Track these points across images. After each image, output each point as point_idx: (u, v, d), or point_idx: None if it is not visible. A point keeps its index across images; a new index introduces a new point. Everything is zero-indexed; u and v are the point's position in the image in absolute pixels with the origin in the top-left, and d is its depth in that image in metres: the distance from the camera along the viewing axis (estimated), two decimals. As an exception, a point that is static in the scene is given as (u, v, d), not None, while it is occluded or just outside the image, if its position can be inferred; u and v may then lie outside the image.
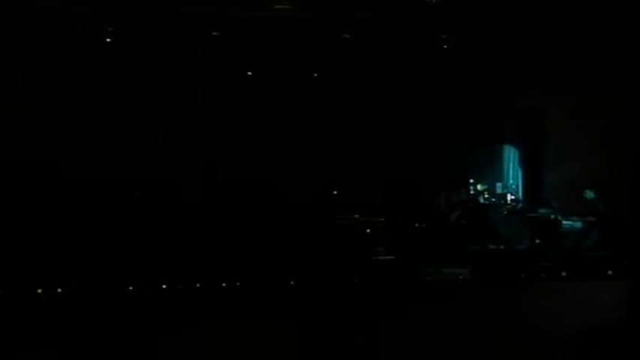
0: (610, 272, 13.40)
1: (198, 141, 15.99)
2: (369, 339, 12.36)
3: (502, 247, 14.92)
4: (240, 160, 15.87)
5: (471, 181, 16.39)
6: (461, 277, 13.88)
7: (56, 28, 14.63)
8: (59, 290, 11.94)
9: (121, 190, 14.96)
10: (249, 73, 16.08)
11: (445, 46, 15.83)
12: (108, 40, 14.91)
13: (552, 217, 15.54)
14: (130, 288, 12.17)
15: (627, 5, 14.58)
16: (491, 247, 14.89)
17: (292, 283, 12.72)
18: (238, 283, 12.58)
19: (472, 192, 16.29)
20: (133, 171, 15.30)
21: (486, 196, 16.28)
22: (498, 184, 17.02)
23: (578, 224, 15.40)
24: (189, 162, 15.86)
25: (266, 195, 15.53)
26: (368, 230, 14.72)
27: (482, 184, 16.38)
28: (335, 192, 15.94)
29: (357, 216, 14.94)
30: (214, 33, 15.26)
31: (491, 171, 17.19)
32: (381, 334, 12.39)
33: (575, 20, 15.04)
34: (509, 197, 16.57)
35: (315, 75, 16.21)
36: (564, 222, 15.48)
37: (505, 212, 16.13)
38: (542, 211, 15.75)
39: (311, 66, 16.13)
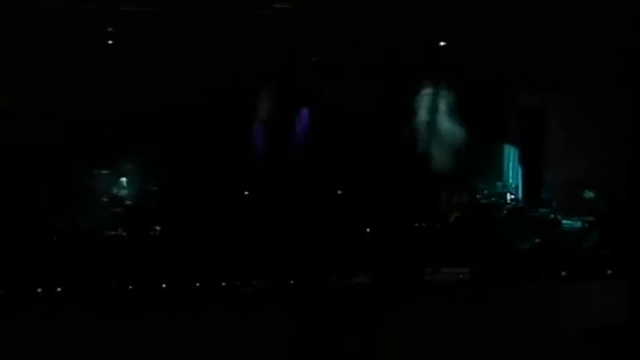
0: (610, 272, 13.40)
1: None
2: (369, 339, 12.35)
3: (502, 247, 14.92)
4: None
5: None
6: (461, 277, 13.90)
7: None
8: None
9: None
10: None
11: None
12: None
13: (552, 216, 15.56)
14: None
15: (627, 4, 14.56)
16: (491, 247, 14.89)
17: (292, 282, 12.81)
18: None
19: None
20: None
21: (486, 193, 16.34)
22: (498, 184, 17.04)
23: (578, 224, 15.42)
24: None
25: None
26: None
27: (486, 184, 16.44)
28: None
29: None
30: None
31: (491, 170, 17.20)
32: (380, 334, 12.41)
33: (575, 19, 15.03)
34: (508, 197, 16.58)
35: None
36: (564, 222, 15.49)
37: (505, 212, 16.14)
38: (542, 210, 15.76)
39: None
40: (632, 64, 14.92)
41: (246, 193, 15.80)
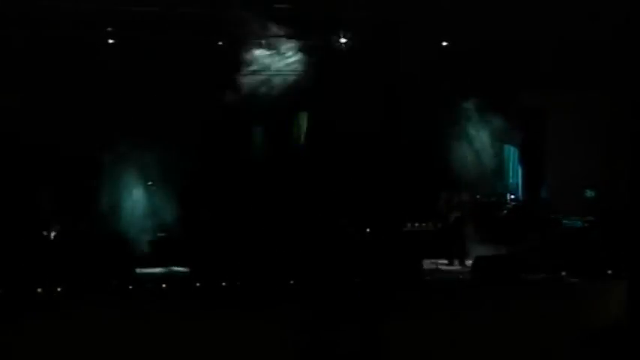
0: (610, 272, 13.41)
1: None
2: (369, 339, 12.37)
3: (502, 246, 14.93)
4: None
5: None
6: (461, 277, 13.92)
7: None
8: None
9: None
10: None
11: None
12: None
13: (552, 216, 15.56)
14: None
15: (627, 5, 14.57)
16: (492, 246, 14.91)
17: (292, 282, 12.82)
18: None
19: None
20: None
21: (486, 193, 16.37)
22: (498, 184, 17.04)
23: (578, 224, 15.42)
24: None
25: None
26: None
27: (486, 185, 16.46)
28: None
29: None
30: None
31: (492, 170, 17.20)
32: (382, 333, 12.41)
33: (575, 19, 15.04)
34: (509, 197, 16.60)
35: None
36: (564, 221, 15.50)
37: (505, 212, 16.15)
38: (542, 210, 15.76)
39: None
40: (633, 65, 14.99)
41: (248, 194, 15.81)
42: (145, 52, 15.37)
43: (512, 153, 17.57)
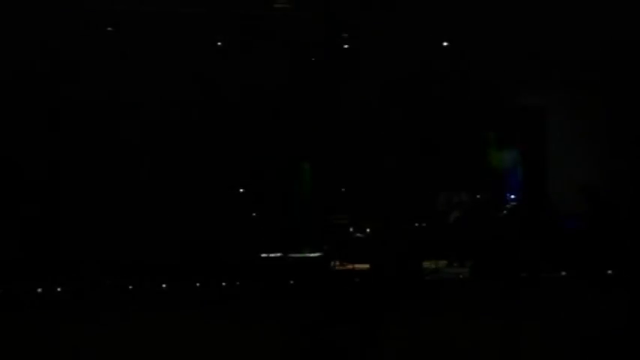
0: (610, 272, 13.41)
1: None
2: (369, 339, 12.36)
3: (501, 247, 14.93)
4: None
5: None
6: (461, 276, 13.92)
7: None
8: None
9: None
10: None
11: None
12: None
13: (552, 216, 15.55)
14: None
15: (627, 6, 14.58)
16: (491, 247, 14.90)
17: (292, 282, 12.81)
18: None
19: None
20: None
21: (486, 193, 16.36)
22: (498, 184, 17.02)
23: (578, 224, 15.42)
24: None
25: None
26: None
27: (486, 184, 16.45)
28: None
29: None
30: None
31: (491, 170, 17.21)
32: (382, 333, 12.41)
33: (575, 19, 15.04)
34: (509, 197, 16.58)
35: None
36: (564, 222, 15.50)
37: (505, 212, 16.14)
38: (542, 210, 15.76)
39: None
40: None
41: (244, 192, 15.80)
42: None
43: (511, 153, 17.56)
